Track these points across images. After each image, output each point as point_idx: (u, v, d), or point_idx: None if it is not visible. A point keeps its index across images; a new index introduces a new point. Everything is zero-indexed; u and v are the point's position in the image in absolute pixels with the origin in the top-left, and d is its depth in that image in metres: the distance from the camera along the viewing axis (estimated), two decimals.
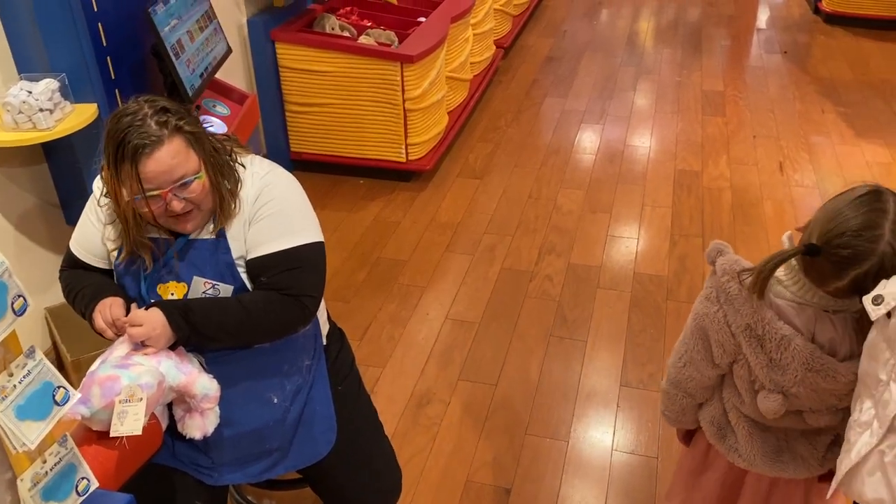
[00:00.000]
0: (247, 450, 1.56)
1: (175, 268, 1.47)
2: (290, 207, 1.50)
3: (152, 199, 1.35)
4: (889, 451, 1.17)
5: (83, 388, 1.33)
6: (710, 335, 1.38)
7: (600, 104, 4.38)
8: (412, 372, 2.53)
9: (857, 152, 3.79)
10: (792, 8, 5.96)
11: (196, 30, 2.52)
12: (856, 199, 1.25)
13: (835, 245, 1.22)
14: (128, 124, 1.32)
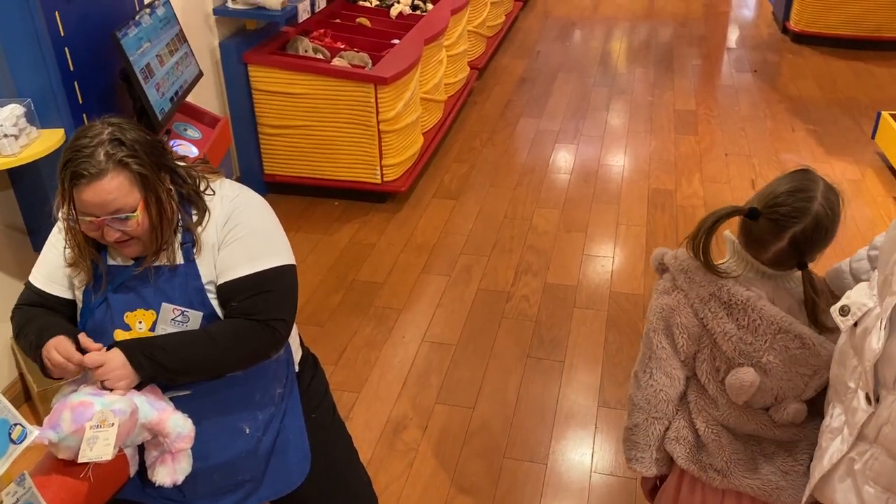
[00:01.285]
0: (219, 483, 1.52)
1: (143, 294, 1.43)
2: (260, 230, 1.48)
3: (86, 224, 1.36)
4: (859, 458, 1.17)
5: (53, 413, 1.30)
6: (672, 326, 1.38)
7: (574, 124, 4.41)
8: (388, 396, 2.50)
9: (827, 169, 3.84)
10: (761, 28, 6.07)
11: (166, 53, 2.50)
12: (787, 174, 1.35)
13: (772, 205, 1.30)
14: (79, 147, 1.32)
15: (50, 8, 2.01)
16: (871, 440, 1.15)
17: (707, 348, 1.37)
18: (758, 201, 1.33)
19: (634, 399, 1.45)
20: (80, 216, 1.35)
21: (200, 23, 3.24)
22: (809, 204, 1.29)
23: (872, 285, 1.20)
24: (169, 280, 1.43)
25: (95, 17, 2.23)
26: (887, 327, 1.10)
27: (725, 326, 1.32)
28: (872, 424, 1.14)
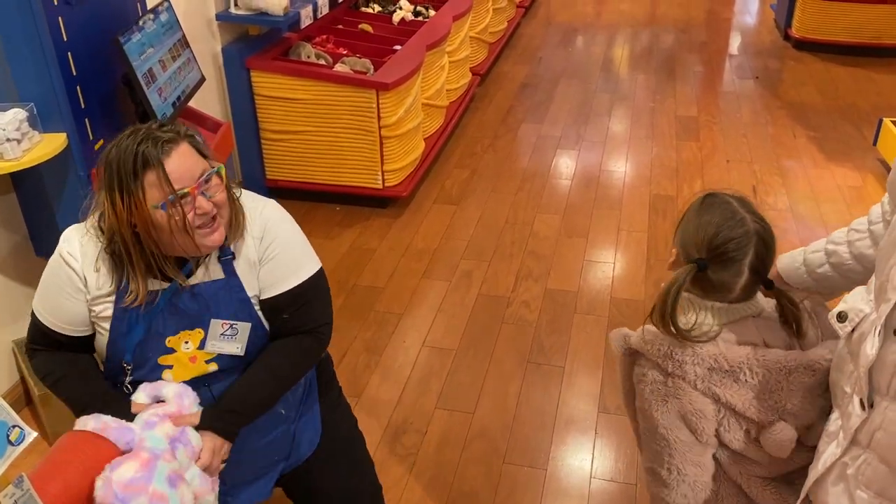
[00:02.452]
0: (259, 465, 1.57)
1: (191, 316, 1.42)
2: (293, 242, 1.52)
3: (180, 203, 1.32)
4: (852, 463, 1.17)
5: (129, 487, 1.27)
6: (686, 416, 1.25)
7: (576, 130, 4.41)
8: (388, 401, 2.50)
9: (828, 175, 3.84)
10: (763, 34, 6.08)
11: (169, 59, 2.51)
12: (698, 208, 1.29)
13: (716, 247, 1.24)
14: (138, 140, 1.33)
15: (53, 13, 2.02)
16: (865, 445, 1.15)
17: (728, 418, 1.27)
18: (696, 251, 1.26)
19: (669, 499, 1.31)
20: (179, 191, 1.32)
21: (203, 28, 3.25)
22: (745, 227, 1.25)
23: (869, 290, 1.20)
24: (213, 296, 1.43)
25: (98, 23, 2.24)
26: (882, 334, 1.10)
27: (739, 394, 1.24)
28: (865, 430, 1.14)
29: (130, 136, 1.34)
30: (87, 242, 1.42)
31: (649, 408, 1.26)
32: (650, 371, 1.25)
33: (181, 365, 1.44)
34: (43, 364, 1.50)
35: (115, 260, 1.39)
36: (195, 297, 1.42)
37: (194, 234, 1.35)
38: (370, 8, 4.47)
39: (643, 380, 1.26)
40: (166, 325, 1.42)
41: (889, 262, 1.11)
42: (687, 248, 1.27)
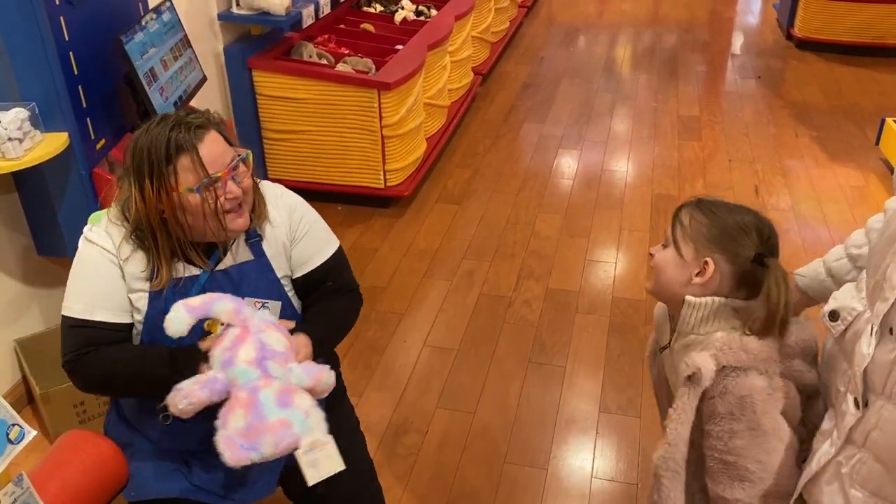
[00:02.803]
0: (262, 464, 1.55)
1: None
2: (316, 220, 1.63)
3: (214, 187, 1.37)
4: (846, 462, 1.17)
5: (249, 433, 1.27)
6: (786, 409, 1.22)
7: (578, 130, 4.41)
8: (389, 401, 2.50)
9: (830, 175, 3.84)
10: (765, 34, 6.07)
11: (170, 58, 2.52)
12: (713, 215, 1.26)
13: (767, 238, 1.24)
14: (169, 126, 1.36)
15: (54, 13, 2.03)
16: (860, 444, 1.15)
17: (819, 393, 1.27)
18: (748, 249, 1.21)
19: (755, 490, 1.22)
20: (213, 175, 1.36)
21: (205, 28, 3.26)
22: (753, 214, 1.26)
23: (861, 287, 1.20)
24: (245, 276, 1.49)
25: (100, 22, 2.25)
26: (878, 333, 1.10)
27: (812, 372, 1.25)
28: (860, 429, 1.14)
29: (160, 124, 1.38)
30: (112, 230, 1.45)
31: (757, 416, 1.18)
32: (750, 380, 1.18)
33: None
34: (88, 367, 1.44)
35: (141, 245, 1.43)
36: (228, 280, 1.47)
37: (224, 218, 1.39)
38: (372, 7, 4.47)
39: (750, 394, 1.17)
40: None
41: (886, 261, 1.11)
42: (735, 246, 1.22)
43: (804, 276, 1.47)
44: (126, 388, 1.49)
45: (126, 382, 1.47)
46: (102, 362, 1.44)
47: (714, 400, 1.18)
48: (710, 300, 1.22)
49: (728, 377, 1.17)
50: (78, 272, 1.47)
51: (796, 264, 3.13)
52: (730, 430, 1.19)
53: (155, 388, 1.39)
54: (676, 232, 1.27)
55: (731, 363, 1.16)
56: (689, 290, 1.23)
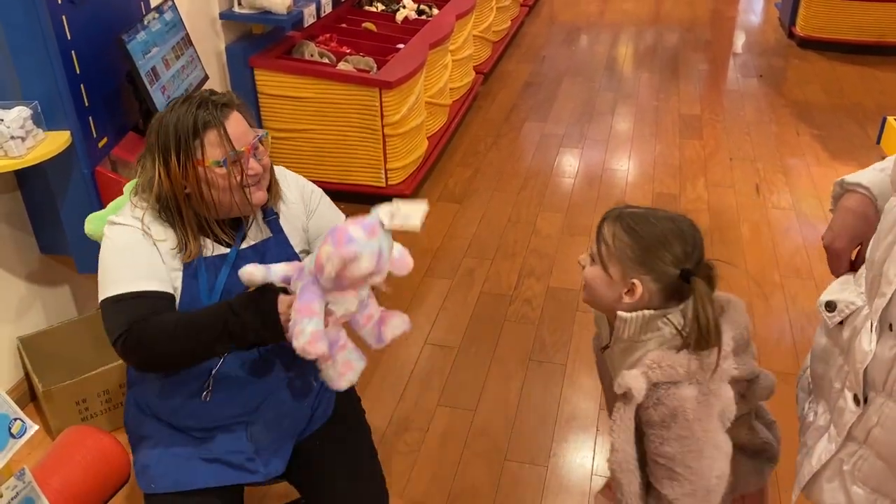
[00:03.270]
0: (286, 430, 1.60)
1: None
2: (323, 194, 1.72)
3: (240, 160, 1.43)
4: (848, 459, 1.17)
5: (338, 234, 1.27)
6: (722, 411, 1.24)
7: (579, 128, 4.41)
8: (390, 399, 2.51)
9: (832, 174, 3.83)
10: (767, 33, 6.07)
11: (172, 57, 2.53)
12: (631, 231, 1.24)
13: (691, 249, 1.22)
14: (195, 104, 1.42)
15: (56, 12, 2.04)
16: (861, 441, 1.15)
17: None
18: (676, 265, 1.21)
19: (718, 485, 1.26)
20: (236, 155, 1.42)
21: (207, 27, 3.27)
22: (673, 222, 1.23)
23: (860, 283, 1.20)
24: (267, 252, 1.55)
25: (102, 21, 2.26)
26: (877, 329, 1.10)
27: (744, 363, 1.28)
28: (861, 426, 1.14)
29: (185, 103, 1.43)
30: (139, 212, 1.48)
31: (690, 424, 1.20)
32: (681, 392, 1.19)
33: None
34: (145, 335, 1.40)
35: (168, 222, 1.48)
36: (254, 256, 1.53)
37: (245, 192, 1.46)
38: (373, 7, 4.48)
39: (682, 405, 1.19)
40: (234, 283, 1.49)
41: (882, 256, 1.11)
42: (660, 264, 1.21)
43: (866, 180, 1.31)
44: (185, 352, 1.43)
45: (188, 344, 1.41)
46: (161, 325, 1.41)
47: (649, 410, 1.21)
48: (640, 315, 1.23)
49: (660, 390, 1.19)
50: (112, 255, 1.47)
51: (797, 263, 3.15)
52: (660, 437, 1.21)
53: (223, 341, 1.39)
54: (602, 250, 1.26)
55: (661, 380, 1.18)
56: (621, 305, 1.24)
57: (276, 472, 1.60)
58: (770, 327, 2.79)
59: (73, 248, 2.36)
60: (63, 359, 2.41)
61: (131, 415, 1.62)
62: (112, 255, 1.48)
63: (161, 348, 1.40)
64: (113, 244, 1.48)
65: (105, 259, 1.49)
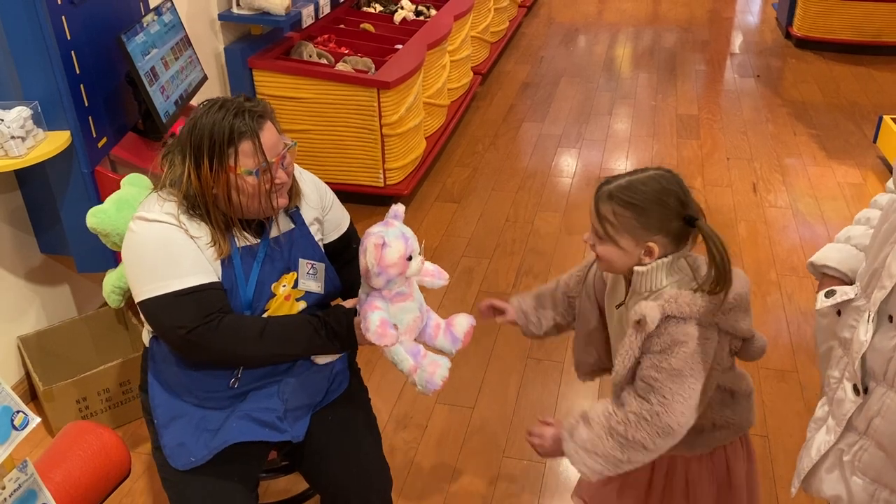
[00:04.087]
0: (312, 391, 1.66)
1: (283, 261, 1.59)
2: (332, 192, 1.78)
3: (270, 171, 1.47)
4: (848, 449, 1.18)
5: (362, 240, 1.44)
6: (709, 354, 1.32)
7: (577, 128, 4.43)
8: (389, 396, 2.52)
9: (828, 173, 3.85)
10: (764, 33, 6.09)
11: (171, 58, 2.54)
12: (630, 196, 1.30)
13: (684, 197, 1.30)
14: (232, 112, 1.45)
15: (56, 12, 2.05)
16: (861, 431, 1.16)
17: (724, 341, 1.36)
18: (676, 216, 1.29)
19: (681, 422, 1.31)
20: (268, 166, 1.47)
21: (206, 28, 3.28)
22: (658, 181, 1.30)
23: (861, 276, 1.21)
24: (294, 242, 1.61)
25: (101, 22, 2.27)
26: (875, 320, 1.11)
27: (746, 320, 1.36)
28: (862, 416, 1.15)
29: (221, 108, 1.46)
30: (169, 207, 1.51)
31: (680, 360, 1.28)
32: (689, 328, 1.28)
33: (278, 304, 1.58)
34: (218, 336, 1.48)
35: (199, 217, 1.52)
36: (283, 246, 1.59)
37: (273, 198, 1.51)
38: (372, 7, 4.49)
39: (684, 339, 1.28)
40: (268, 273, 1.56)
41: (885, 250, 1.12)
42: (665, 222, 1.29)
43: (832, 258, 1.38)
44: (258, 356, 1.54)
45: (268, 350, 1.52)
46: (244, 326, 1.51)
47: (653, 338, 1.30)
48: (656, 263, 1.31)
49: (670, 323, 1.28)
50: (150, 251, 1.50)
51: (794, 261, 3.16)
52: (653, 363, 1.30)
53: (299, 354, 1.56)
54: (608, 229, 1.32)
55: (674, 313, 1.27)
56: (640, 265, 1.33)
57: (299, 436, 1.62)
58: (767, 325, 2.80)
59: (73, 247, 2.37)
60: (63, 358, 2.42)
61: (158, 398, 1.62)
62: (154, 250, 1.49)
63: (240, 348, 1.50)
64: (152, 239, 1.49)
65: (145, 256, 1.50)
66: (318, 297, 1.66)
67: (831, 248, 1.40)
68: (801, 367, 2.59)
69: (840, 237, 1.42)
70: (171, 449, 1.56)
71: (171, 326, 1.48)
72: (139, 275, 1.49)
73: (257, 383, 1.60)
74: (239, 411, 1.58)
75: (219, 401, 1.59)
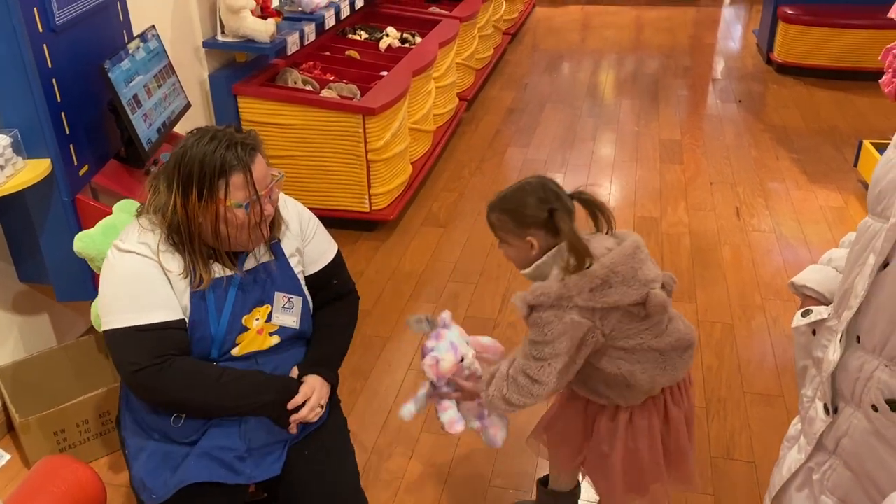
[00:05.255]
0: (279, 432, 1.63)
1: (257, 293, 1.59)
2: (318, 223, 1.78)
3: (259, 203, 1.48)
4: (817, 468, 1.19)
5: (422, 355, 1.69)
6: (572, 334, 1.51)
7: (561, 154, 4.45)
8: (373, 425, 2.49)
9: (811, 197, 3.89)
10: (745, 59, 6.18)
11: (154, 85, 2.53)
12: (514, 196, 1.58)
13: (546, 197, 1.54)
14: (224, 144, 1.45)
15: (38, 41, 2.04)
16: (830, 451, 1.17)
17: (603, 319, 1.52)
18: (540, 211, 1.53)
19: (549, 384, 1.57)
20: (257, 198, 1.48)
21: (190, 55, 3.28)
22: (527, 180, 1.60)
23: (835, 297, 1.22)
24: (270, 274, 1.62)
25: (83, 50, 2.27)
26: (844, 340, 1.12)
27: (616, 292, 1.49)
28: (831, 435, 1.16)
29: (212, 140, 1.46)
30: (147, 236, 1.50)
31: (551, 337, 1.50)
32: (546, 313, 1.50)
33: (250, 339, 1.57)
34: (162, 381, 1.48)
35: (176, 247, 1.51)
36: (258, 278, 1.59)
37: (245, 237, 1.52)
38: (357, 35, 4.52)
39: (549, 322, 1.50)
40: (240, 305, 1.55)
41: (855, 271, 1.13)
42: (532, 218, 1.54)
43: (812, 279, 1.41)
44: (201, 408, 1.54)
45: (206, 403, 1.53)
46: (182, 377, 1.49)
47: (527, 320, 1.56)
48: (546, 256, 1.55)
49: (534, 312, 1.52)
50: (118, 282, 1.50)
51: (778, 285, 3.17)
52: (526, 343, 1.57)
53: (241, 412, 1.54)
54: (498, 233, 1.60)
55: (532, 303, 1.51)
56: (535, 256, 1.56)
57: (270, 473, 1.60)
58: (752, 349, 2.80)
59: (52, 276, 2.34)
60: (42, 389, 2.38)
61: (128, 430, 1.63)
62: (122, 283, 1.49)
63: (187, 396, 1.50)
64: (122, 271, 1.49)
65: (114, 286, 1.50)
66: (293, 332, 1.64)
67: (812, 269, 1.43)
68: (786, 391, 2.59)
69: (823, 259, 1.44)
70: (137, 482, 1.54)
71: (123, 361, 1.47)
72: (105, 304, 1.50)
73: (218, 420, 1.57)
74: (199, 449, 1.55)
75: (183, 433, 1.56)
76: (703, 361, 2.74)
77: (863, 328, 1.11)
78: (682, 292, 3.10)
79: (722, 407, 2.53)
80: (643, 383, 1.59)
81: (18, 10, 1.96)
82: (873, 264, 1.08)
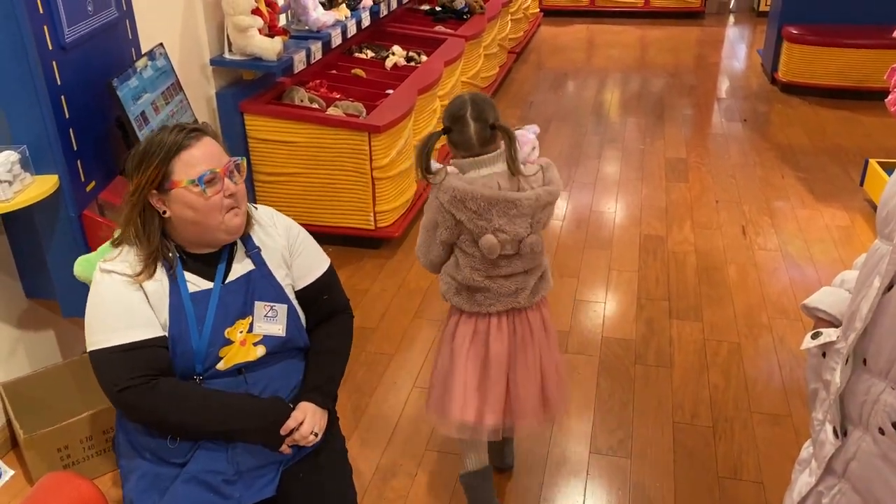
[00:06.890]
0: (269, 455, 1.60)
1: (239, 305, 1.58)
2: (308, 237, 1.79)
3: (213, 182, 1.49)
4: (827, 492, 1.17)
5: None
6: (439, 223, 1.82)
7: (567, 172, 4.46)
8: (378, 443, 2.48)
9: (816, 216, 3.88)
10: (750, 78, 6.20)
11: (161, 102, 2.55)
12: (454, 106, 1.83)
13: (451, 115, 1.80)
14: (169, 130, 1.50)
15: (47, 58, 2.06)
16: (839, 474, 1.16)
17: (463, 234, 1.81)
18: (445, 119, 1.81)
19: (423, 259, 1.95)
20: (212, 174, 1.49)
21: (198, 73, 3.31)
22: (461, 98, 1.81)
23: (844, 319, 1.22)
24: (251, 283, 1.61)
25: (92, 67, 2.28)
26: (850, 362, 1.12)
27: (466, 213, 1.76)
28: (840, 459, 1.15)
29: (159, 132, 1.51)
30: (128, 255, 1.53)
31: (429, 214, 1.84)
32: (432, 196, 1.81)
33: (234, 351, 1.55)
34: (147, 400, 1.49)
35: (154, 259, 1.53)
36: (239, 288, 1.58)
37: (224, 215, 1.51)
38: (363, 53, 4.55)
39: (432, 200, 1.82)
40: (221, 319, 1.54)
41: (861, 293, 1.13)
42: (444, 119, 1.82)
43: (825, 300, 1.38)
44: (191, 428, 1.53)
45: (195, 424, 1.52)
46: (168, 397, 1.49)
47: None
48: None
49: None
50: (99, 303, 1.52)
51: (785, 303, 3.15)
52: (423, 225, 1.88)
53: (230, 437, 1.52)
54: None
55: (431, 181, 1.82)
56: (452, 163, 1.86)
57: (263, 495, 1.58)
58: (759, 368, 2.78)
59: (58, 292, 2.34)
60: (46, 405, 2.37)
61: (122, 449, 1.63)
62: (103, 303, 1.51)
63: (172, 415, 1.49)
64: (103, 292, 1.51)
65: (95, 307, 1.51)
66: (279, 341, 1.62)
67: (825, 291, 1.42)
68: (794, 411, 2.57)
69: (836, 281, 1.44)
70: (127, 503, 1.54)
71: (107, 382, 1.48)
72: (88, 326, 1.52)
73: (207, 442, 1.56)
74: (186, 473, 1.53)
75: (178, 453, 1.55)
76: (709, 380, 2.72)
77: (869, 351, 1.11)
78: (688, 311, 3.09)
79: (729, 427, 2.51)
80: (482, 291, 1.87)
81: (28, 28, 1.98)
82: (878, 287, 1.08)
